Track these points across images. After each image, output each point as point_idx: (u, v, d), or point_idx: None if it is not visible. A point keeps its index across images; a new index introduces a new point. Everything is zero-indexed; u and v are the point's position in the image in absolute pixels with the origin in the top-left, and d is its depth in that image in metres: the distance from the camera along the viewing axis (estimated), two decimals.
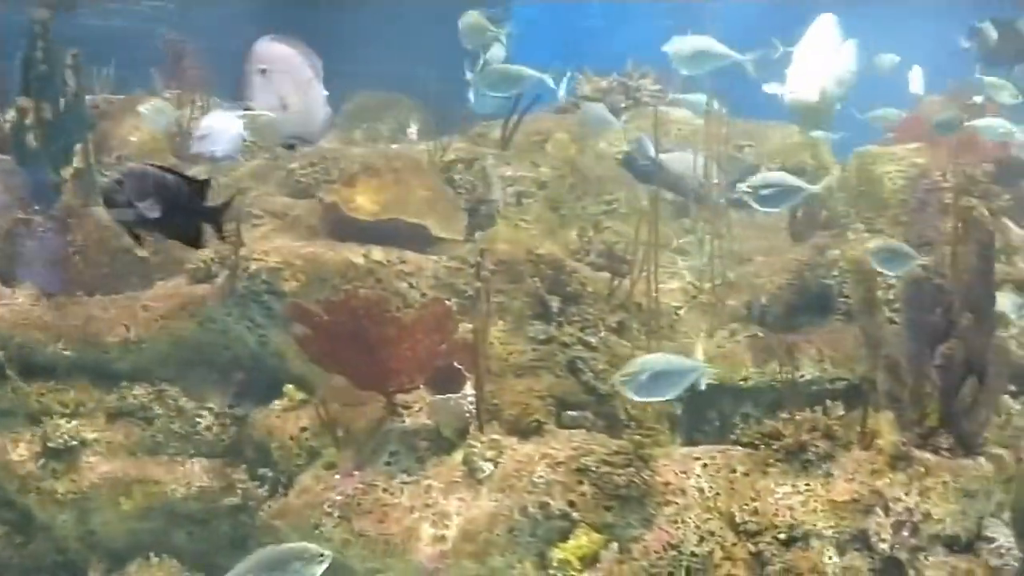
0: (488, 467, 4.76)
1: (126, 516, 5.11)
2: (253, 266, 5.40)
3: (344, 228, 5.69)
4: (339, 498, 4.76)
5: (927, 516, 4.67)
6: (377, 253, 5.48)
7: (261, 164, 6.68)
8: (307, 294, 5.21)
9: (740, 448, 4.94)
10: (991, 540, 4.82)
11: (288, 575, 3.67)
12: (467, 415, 4.92)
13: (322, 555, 3.74)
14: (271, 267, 5.38)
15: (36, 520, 5.11)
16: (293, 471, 5.10)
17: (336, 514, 4.74)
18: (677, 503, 4.67)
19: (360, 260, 5.43)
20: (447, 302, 5.08)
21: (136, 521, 5.14)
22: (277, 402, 5.30)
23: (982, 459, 5.06)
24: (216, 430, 5.33)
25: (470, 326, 5.10)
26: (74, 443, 5.07)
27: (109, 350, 5.32)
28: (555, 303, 5.45)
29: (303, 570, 3.69)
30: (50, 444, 5.05)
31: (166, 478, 5.16)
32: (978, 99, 7.41)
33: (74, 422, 5.13)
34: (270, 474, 5.19)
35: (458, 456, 4.83)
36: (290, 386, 5.30)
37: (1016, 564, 4.83)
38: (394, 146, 7.15)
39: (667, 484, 4.73)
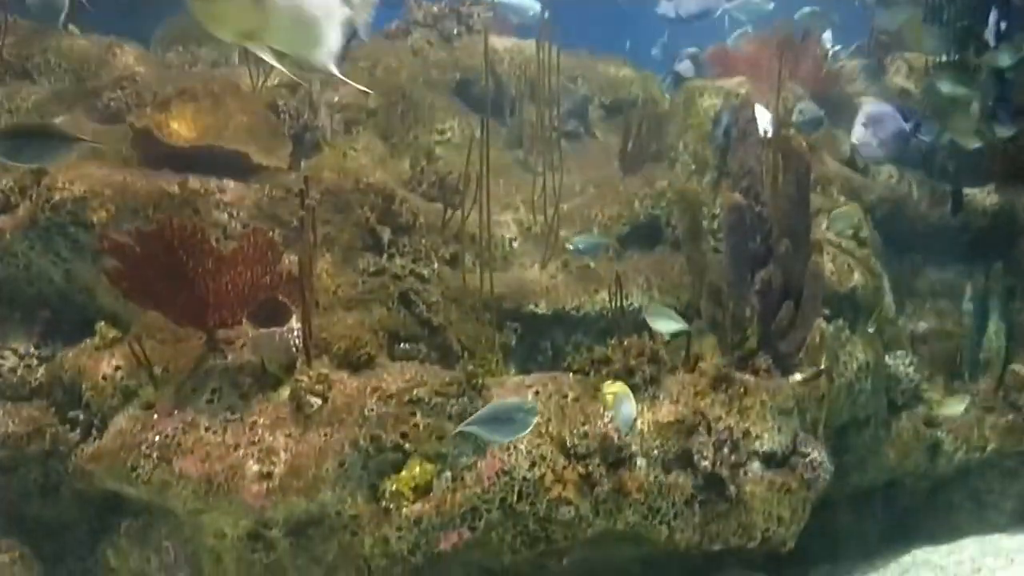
0: (316, 402, 4.63)
1: None
2: (57, 196, 5.02)
3: (158, 156, 5.35)
4: (157, 439, 4.54)
5: (746, 434, 4.86)
6: (194, 182, 5.18)
7: (65, 87, 6.21)
8: (117, 225, 4.89)
9: (571, 375, 4.99)
10: (805, 455, 5.07)
11: (515, 424, 4.18)
12: (293, 350, 4.75)
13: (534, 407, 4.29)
14: (77, 196, 5.01)
15: None
16: (107, 413, 4.81)
17: (155, 455, 4.52)
18: None
19: (175, 189, 5.13)
20: (269, 233, 4.87)
21: None
22: (88, 340, 4.97)
23: (797, 379, 5.31)
24: (21, 372, 4.97)
25: (295, 258, 4.92)
26: None
27: None
28: (386, 234, 5.32)
29: (525, 419, 4.19)
30: None
31: None
32: None
33: None
34: (82, 417, 4.88)
35: (285, 392, 4.68)
36: (102, 323, 4.98)
37: (827, 476, 5.11)
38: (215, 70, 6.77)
39: None
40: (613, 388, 4.64)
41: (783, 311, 5.25)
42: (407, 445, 4.60)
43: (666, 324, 5.01)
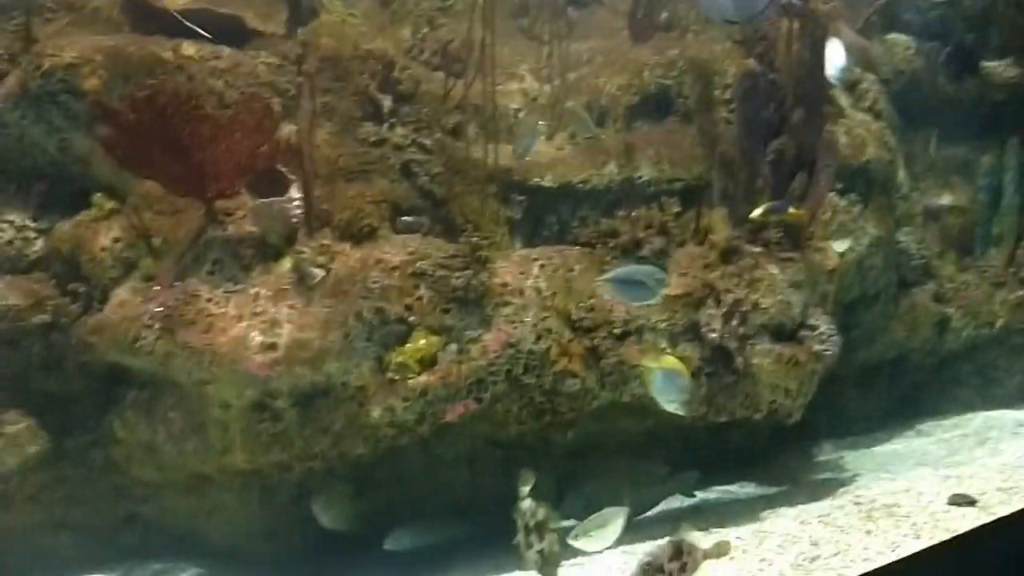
0: (319, 273, 4.56)
1: None
2: (47, 63, 4.85)
3: (150, 21, 5.14)
4: (160, 310, 4.49)
5: (755, 307, 4.81)
6: (188, 48, 4.99)
7: None
8: (110, 93, 4.73)
9: (578, 248, 4.90)
10: (814, 328, 5.03)
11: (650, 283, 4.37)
12: (294, 220, 4.66)
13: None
14: (68, 63, 4.84)
15: None
16: (108, 285, 4.75)
17: (157, 327, 4.48)
18: (515, 303, 4.63)
19: (169, 55, 4.94)
20: (267, 100, 4.71)
21: None
22: (85, 212, 4.87)
23: (808, 252, 5.22)
24: (19, 245, 4.89)
25: (294, 128, 4.78)
26: None
27: None
28: (387, 103, 5.15)
29: (657, 284, 4.40)
30: None
31: None
32: None
33: None
34: (82, 289, 4.82)
35: (286, 263, 4.61)
36: (99, 194, 4.87)
37: (836, 349, 5.07)
38: None
39: (505, 285, 4.68)
40: (660, 361, 4.45)
41: (795, 182, 5.13)
42: (411, 318, 4.55)
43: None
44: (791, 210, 4.86)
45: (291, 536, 4.83)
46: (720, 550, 3.93)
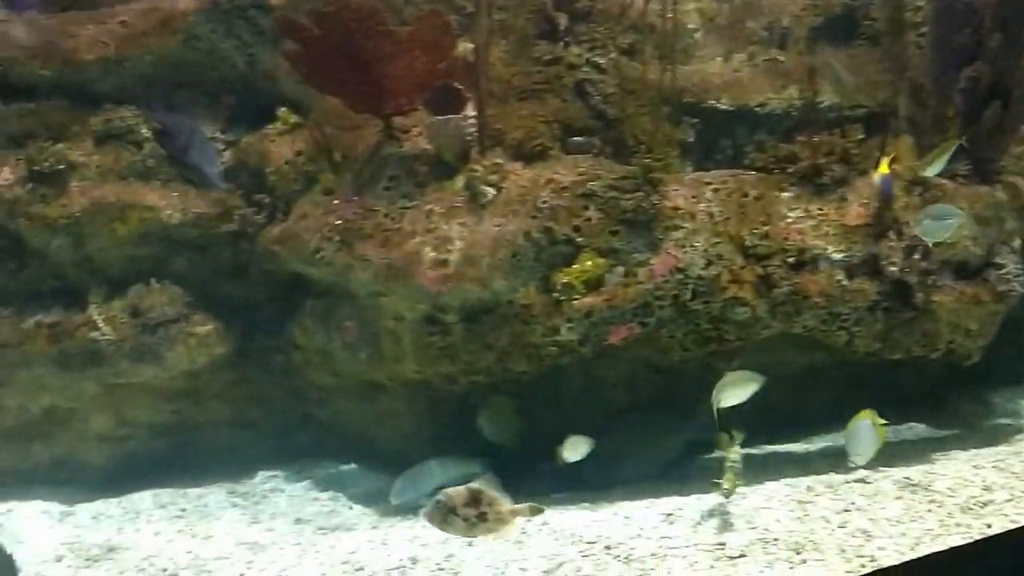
0: (490, 192, 4.61)
1: (122, 242, 5.01)
2: None
3: None
4: (339, 223, 4.65)
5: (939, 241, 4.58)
6: None
7: None
8: (296, 8, 4.85)
9: (753, 173, 4.77)
10: (1000, 267, 4.77)
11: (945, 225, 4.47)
12: (468, 139, 4.71)
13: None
14: None
15: (29, 246, 5.01)
16: (291, 196, 4.96)
17: (337, 239, 4.64)
18: (685, 227, 4.56)
19: None
20: (445, 17, 4.74)
21: (133, 247, 5.05)
22: (270, 126, 5.07)
23: (998, 186, 4.93)
24: None
25: (470, 45, 4.79)
26: (61, 167, 4.89)
27: (88, 69, 5.02)
28: (562, 21, 5.09)
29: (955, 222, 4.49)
30: (36, 168, 4.86)
31: (161, 204, 5.00)
32: None
33: (59, 145, 4.92)
34: (267, 200, 5.04)
35: (459, 181, 4.67)
36: (283, 109, 5.06)
37: (1022, 290, 4.80)
38: None
39: (676, 209, 4.61)
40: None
41: (989, 112, 4.82)
42: (579, 238, 4.56)
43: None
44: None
45: (455, 446, 4.99)
46: (532, 512, 4.06)
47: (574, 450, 4.46)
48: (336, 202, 4.74)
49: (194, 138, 4.20)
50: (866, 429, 4.25)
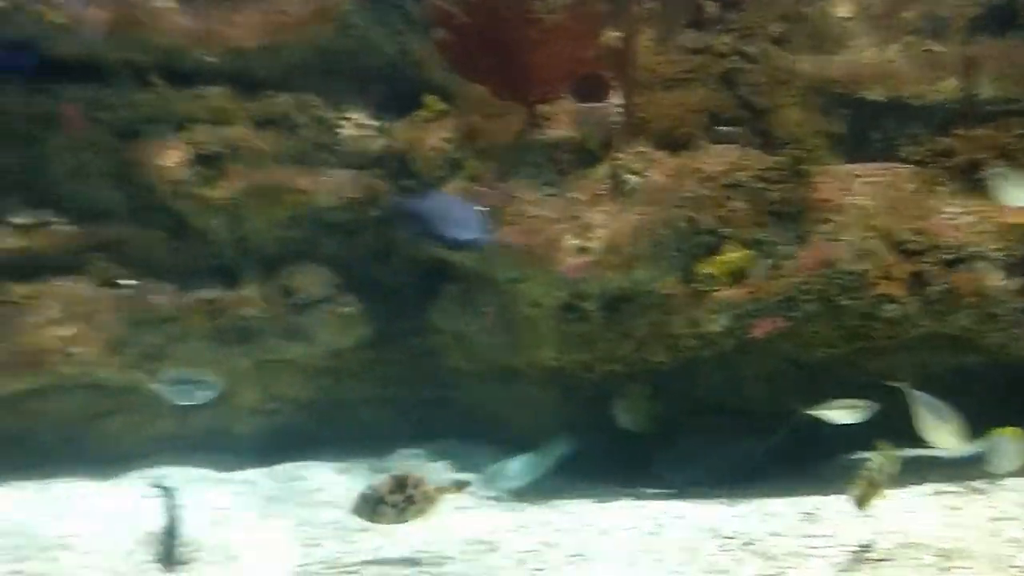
0: (634, 180, 4.60)
1: (276, 224, 5.21)
2: None
3: None
4: (482, 209, 4.72)
5: None
6: None
7: None
8: None
9: (907, 166, 4.61)
10: None
11: None
12: (613, 127, 4.71)
13: None
14: None
15: (191, 226, 5.27)
16: (435, 182, 5.05)
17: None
18: (835, 220, 4.46)
19: None
20: (593, 5, 4.74)
21: (286, 229, 5.24)
22: (418, 113, 5.18)
23: None
24: (360, 141, 5.28)
25: (617, 33, 4.78)
26: (223, 151, 5.12)
27: (249, 56, 5.23)
28: (711, 8, 5.02)
29: None
30: (199, 151, 5.11)
31: (313, 188, 5.18)
32: None
33: (222, 129, 5.14)
34: (414, 185, 5.15)
35: (602, 169, 4.68)
36: (431, 96, 5.16)
37: None
38: None
39: (825, 201, 4.50)
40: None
41: None
42: (724, 229, 4.51)
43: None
44: None
45: (588, 432, 5.00)
46: (459, 487, 4.20)
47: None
48: (480, 189, 4.81)
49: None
50: (1007, 441, 4.06)
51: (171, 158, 5.11)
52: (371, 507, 4.03)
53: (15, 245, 5.07)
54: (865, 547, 3.71)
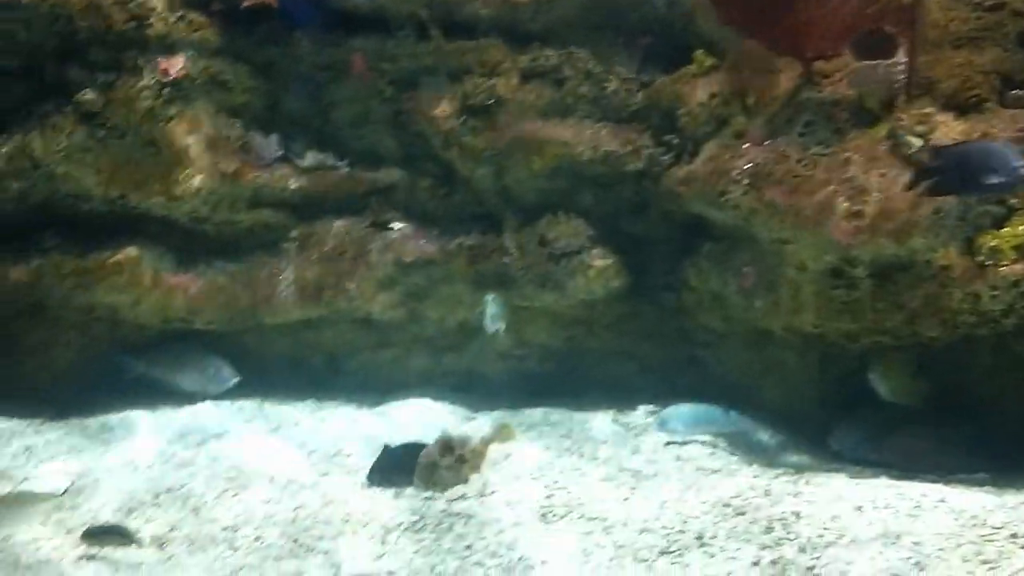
0: (916, 143, 4.34)
1: (537, 175, 5.32)
2: None
3: None
4: (748, 167, 4.62)
5: None
6: None
7: None
8: None
9: None
10: None
11: None
12: (896, 86, 4.45)
13: None
14: None
15: (458, 174, 5.48)
16: (699, 138, 4.98)
17: (744, 182, 4.62)
18: None
19: None
20: None
21: (546, 180, 5.34)
22: (686, 68, 5.11)
23: None
24: (623, 95, 5.27)
25: None
26: (491, 102, 5.26)
27: (522, 9, 5.32)
28: None
29: None
30: (469, 102, 5.28)
31: (575, 140, 5.23)
32: None
33: (492, 80, 5.30)
34: (676, 141, 5.11)
35: (882, 129, 4.44)
36: (700, 51, 5.06)
37: None
38: None
39: None
40: None
41: None
42: (1014, 200, 4.18)
43: None
44: None
45: (844, 405, 4.83)
46: (504, 434, 4.40)
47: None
48: (747, 146, 4.71)
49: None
50: None
51: (443, 108, 5.32)
52: (428, 474, 4.27)
53: (299, 186, 5.47)
54: None
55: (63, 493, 4.27)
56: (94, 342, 5.49)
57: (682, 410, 4.96)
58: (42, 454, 4.92)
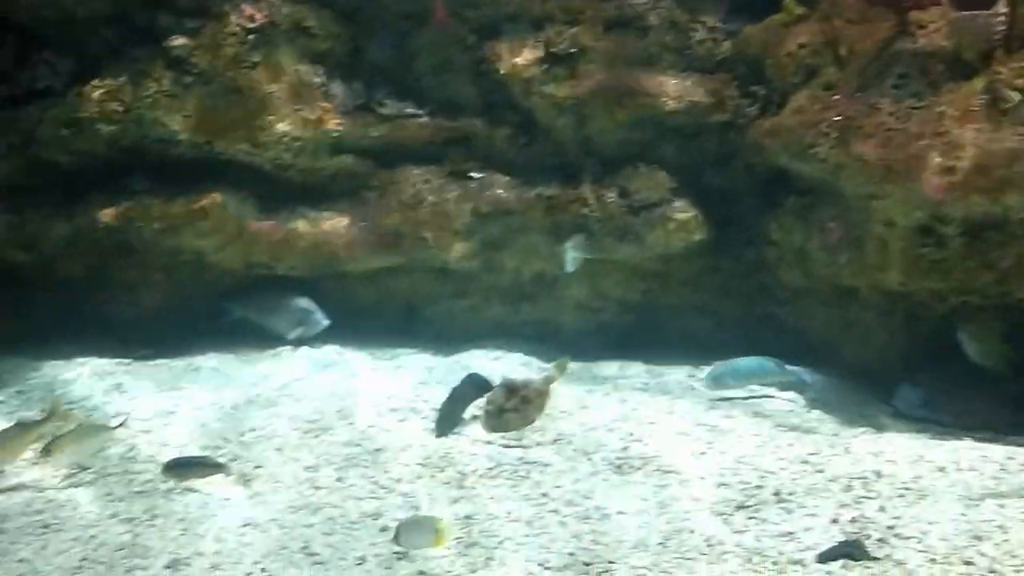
0: (1015, 97, 4.19)
1: (619, 125, 5.26)
2: None
3: None
4: (837, 119, 4.50)
5: None
6: None
7: None
8: None
9: None
10: None
11: None
12: (995, 38, 4.28)
13: None
14: None
15: (538, 124, 5.44)
16: (787, 89, 4.88)
17: (833, 135, 4.51)
18: None
19: None
20: None
21: (628, 131, 5.28)
22: (775, 17, 4.98)
23: None
24: (709, 45, 5.18)
25: None
26: (573, 50, 5.20)
27: None
28: None
29: None
30: (552, 50, 5.23)
31: (658, 91, 5.16)
32: None
33: (574, 29, 5.23)
34: (762, 91, 5.01)
35: (979, 83, 4.29)
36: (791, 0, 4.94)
37: None
38: None
39: None
40: None
41: None
42: None
43: None
44: None
45: (928, 365, 4.73)
46: (559, 368, 4.59)
47: None
48: (836, 97, 4.59)
49: None
50: None
51: (525, 56, 5.28)
52: (495, 420, 4.30)
53: (380, 134, 5.49)
54: None
55: (118, 427, 4.43)
56: (180, 284, 5.63)
57: (736, 364, 4.90)
58: (132, 391, 5.09)
